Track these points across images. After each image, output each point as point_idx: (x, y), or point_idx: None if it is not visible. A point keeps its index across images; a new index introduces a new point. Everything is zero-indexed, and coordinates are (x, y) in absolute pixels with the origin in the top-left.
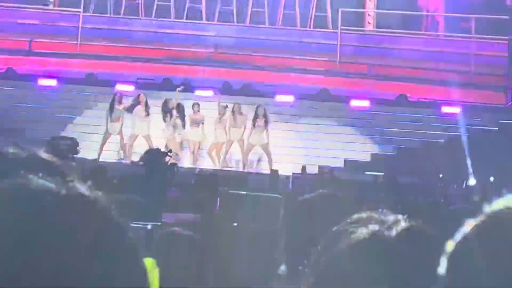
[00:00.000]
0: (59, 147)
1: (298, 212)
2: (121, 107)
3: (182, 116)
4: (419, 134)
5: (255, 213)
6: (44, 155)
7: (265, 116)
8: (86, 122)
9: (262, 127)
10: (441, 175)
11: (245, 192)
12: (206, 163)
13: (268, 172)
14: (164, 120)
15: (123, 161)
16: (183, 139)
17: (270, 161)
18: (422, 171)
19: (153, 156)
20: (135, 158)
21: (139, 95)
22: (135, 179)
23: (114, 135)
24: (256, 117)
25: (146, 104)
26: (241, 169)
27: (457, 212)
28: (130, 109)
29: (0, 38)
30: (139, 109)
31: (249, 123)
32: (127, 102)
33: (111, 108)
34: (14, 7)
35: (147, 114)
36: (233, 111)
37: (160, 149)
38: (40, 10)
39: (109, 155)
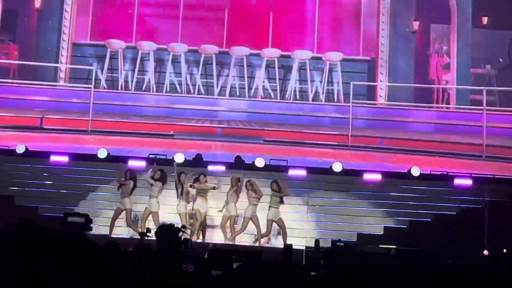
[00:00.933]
0: (72, 224)
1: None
2: (128, 182)
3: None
4: (431, 207)
5: None
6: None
7: (279, 190)
8: (98, 198)
9: (278, 202)
10: (453, 247)
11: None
12: (216, 236)
13: (281, 246)
14: (179, 194)
15: (134, 237)
16: (192, 210)
17: (285, 235)
18: (435, 244)
19: (167, 231)
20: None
21: (158, 170)
22: (149, 256)
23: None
24: (273, 191)
25: (163, 181)
26: (254, 244)
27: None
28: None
29: (11, 115)
30: (157, 185)
31: (263, 198)
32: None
33: (120, 184)
34: (25, 84)
35: (160, 190)
36: (246, 187)
37: (173, 225)
38: (51, 87)
39: (121, 230)
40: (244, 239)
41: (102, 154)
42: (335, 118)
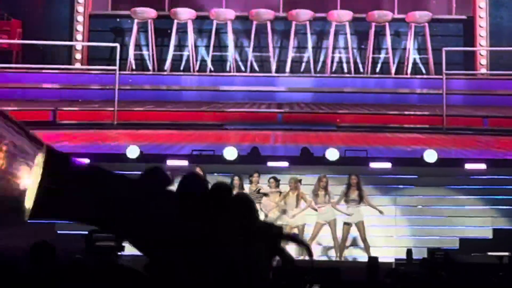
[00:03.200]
0: (99, 245)
1: None
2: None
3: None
4: None
5: None
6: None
7: (359, 187)
8: None
9: (357, 201)
10: None
11: None
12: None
13: (365, 260)
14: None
15: None
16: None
17: (366, 245)
18: None
19: None
20: None
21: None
22: None
23: None
24: (348, 189)
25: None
26: (332, 258)
27: None
28: None
29: (15, 108)
30: None
31: (337, 198)
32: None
33: None
34: (32, 69)
35: None
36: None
37: None
38: (65, 71)
39: None
40: (317, 252)
41: (132, 152)
42: (425, 94)
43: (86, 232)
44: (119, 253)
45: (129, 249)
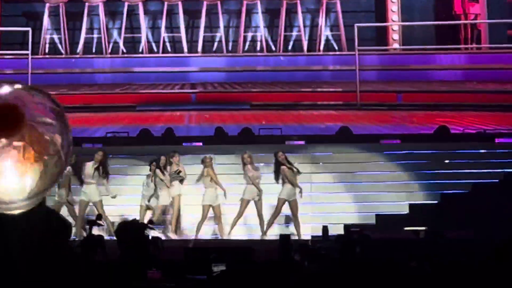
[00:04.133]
0: None
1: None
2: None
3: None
4: (467, 175)
5: None
6: None
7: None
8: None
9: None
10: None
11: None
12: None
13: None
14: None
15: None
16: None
17: (297, 223)
18: (474, 222)
19: (131, 229)
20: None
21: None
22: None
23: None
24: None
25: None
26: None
27: None
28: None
29: None
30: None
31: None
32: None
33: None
34: None
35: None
36: (243, 163)
37: (136, 220)
38: None
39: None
40: (239, 232)
41: None
42: (338, 71)
43: None
44: None
45: None
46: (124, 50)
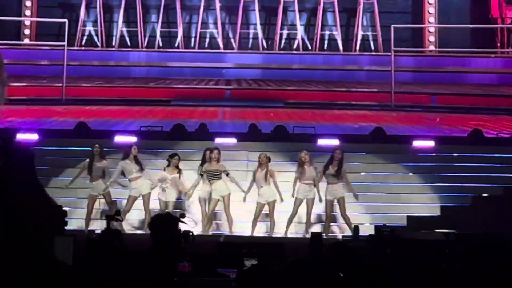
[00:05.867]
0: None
1: None
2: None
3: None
4: (499, 179)
5: None
6: None
7: (340, 163)
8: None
9: (335, 177)
10: None
11: None
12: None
13: (308, 235)
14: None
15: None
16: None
17: (347, 221)
18: (505, 225)
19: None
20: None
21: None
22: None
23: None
24: (330, 163)
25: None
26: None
27: None
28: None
29: None
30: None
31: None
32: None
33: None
34: None
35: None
36: (301, 161)
37: (170, 214)
38: (15, 46)
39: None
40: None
41: (80, 129)
42: (374, 71)
43: None
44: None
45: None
46: (161, 44)
